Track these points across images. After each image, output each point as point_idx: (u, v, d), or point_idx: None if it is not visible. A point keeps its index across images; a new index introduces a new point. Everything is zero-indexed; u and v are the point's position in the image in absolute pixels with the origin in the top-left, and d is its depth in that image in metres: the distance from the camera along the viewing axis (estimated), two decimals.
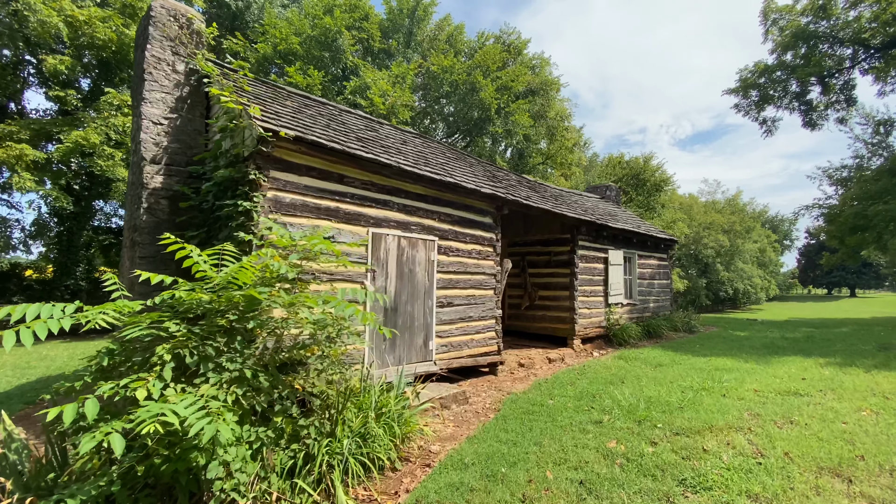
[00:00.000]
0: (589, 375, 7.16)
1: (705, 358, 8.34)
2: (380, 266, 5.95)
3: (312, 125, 5.82)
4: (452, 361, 6.83)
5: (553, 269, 10.24)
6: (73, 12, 13.29)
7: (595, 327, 10.30)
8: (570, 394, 6.02)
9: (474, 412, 5.64)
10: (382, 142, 7.10)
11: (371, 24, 20.61)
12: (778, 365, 7.57)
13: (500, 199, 7.65)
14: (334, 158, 5.46)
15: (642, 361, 8.22)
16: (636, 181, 39.69)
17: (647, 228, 12.86)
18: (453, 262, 7.02)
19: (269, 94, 6.50)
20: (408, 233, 6.34)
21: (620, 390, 6.07)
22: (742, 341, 10.52)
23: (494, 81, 21.92)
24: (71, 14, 13.33)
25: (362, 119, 8.22)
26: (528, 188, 10.17)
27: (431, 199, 6.76)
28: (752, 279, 53.70)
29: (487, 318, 7.55)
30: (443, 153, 8.93)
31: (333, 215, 5.51)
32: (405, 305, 6.27)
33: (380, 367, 5.88)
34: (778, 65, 20.38)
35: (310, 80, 17.18)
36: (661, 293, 13.14)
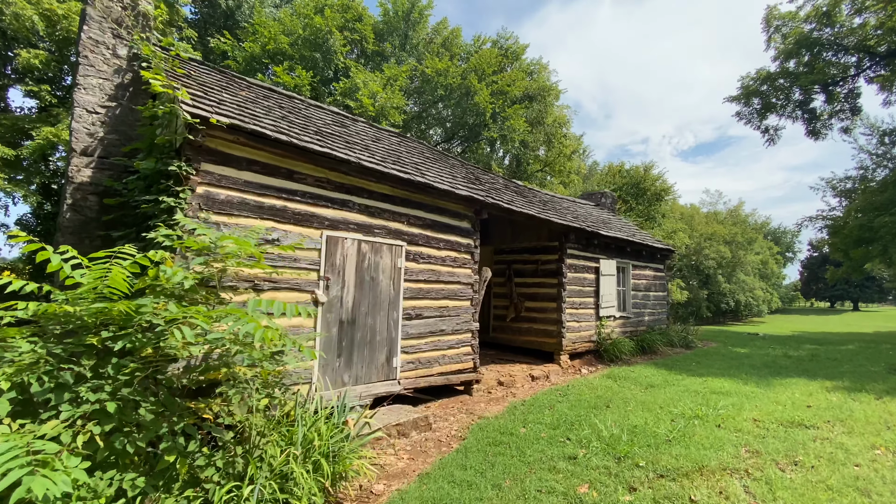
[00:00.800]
0: (572, 397, 6.49)
1: (701, 378, 7.66)
2: (335, 273, 5.33)
3: (261, 116, 5.24)
4: (420, 380, 6.17)
5: (540, 278, 9.60)
6: (50, 5, 12.85)
7: (585, 342, 9.63)
8: (547, 420, 5.35)
9: (436, 441, 4.97)
10: (350, 138, 6.52)
11: (364, 26, 20.18)
12: (780, 388, 6.89)
13: (479, 202, 7.04)
14: (282, 152, 4.86)
15: (633, 381, 7.54)
16: (636, 190, 39.16)
17: (643, 237, 12.23)
18: (424, 270, 6.40)
19: (220, 83, 5.93)
20: (370, 237, 5.73)
21: (603, 417, 5.40)
22: (742, 359, 9.83)
23: (490, 86, 21.45)
24: (49, 7, 12.90)
25: (332, 114, 7.65)
26: (514, 192, 9.57)
27: (400, 200, 6.15)
28: (753, 291, 52.92)
29: (462, 331, 6.90)
30: (421, 153, 8.34)
31: (280, 215, 4.90)
32: (365, 317, 5.63)
33: (331, 387, 5.23)
34: (780, 72, 19.86)
35: (298, 80, 16.71)
36: (657, 306, 12.46)
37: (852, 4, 18.36)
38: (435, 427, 5.39)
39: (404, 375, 6.02)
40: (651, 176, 37.53)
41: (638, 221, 37.23)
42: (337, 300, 5.34)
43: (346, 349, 5.40)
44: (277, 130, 4.89)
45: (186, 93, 4.40)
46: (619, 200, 37.95)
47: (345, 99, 17.01)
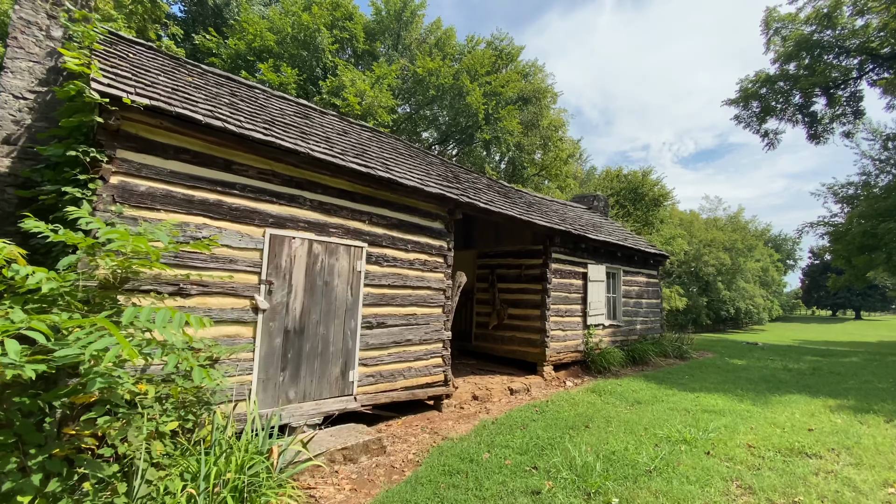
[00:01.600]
0: (549, 415, 5.91)
1: (693, 394, 7.07)
2: (280, 276, 4.77)
3: (200, 101, 4.71)
4: (380, 396, 5.59)
5: (524, 284, 9.04)
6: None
7: (571, 352, 9.04)
8: (516, 443, 4.76)
9: (388, 467, 4.39)
10: (309, 129, 5.99)
11: (355, 25, 19.76)
12: (779, 407, 6.30)
13: (452, 200, 6.49)
14: (217, 139, 4.32)
15: (618, 396, 6.95)
16: (635, 195, 38.67)
17: (635, 242, 11.67)
18: (389, 274, 5.84)
19: (163, 67, 5.41)
20: (324, 236, 5.17)
21: (580, 440, 4.82)
22: (738, 372, 9.23)
23: (483, 87, 20.99)
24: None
25: (297, 106, 7.13)
26: (496, 192, 9.02)
27: (361, 197, 5.61)
28: (754, 299, 52.28)
29: (432, 341, 6.33)
30: (394, 149, 7.81)
31: (213, 210, 4.35)
32: (316, 326, 5.06)
33: (273, 404, 4.65)
34: (780, 75, 19.39)
35: (284, 78, 16.26)
36: (650, 313, 11.88)
37: (854, 6, 17.91)
38: (390, 450, 4.80)
39: (362, 390, 5.44)
40: (649, 181, 37.07)
41: (636, 227, 36.77)
42: (282, 307, 4.77)
43: (292, 362, 4.83)
44: (213, 116, 4.35)
45: (100, 71, 3.88)
46: (617, 205, 37.46)
47: (332, 97, 16.55)
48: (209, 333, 4.28)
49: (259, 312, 4.60)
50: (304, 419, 4.84)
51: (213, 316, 4.29)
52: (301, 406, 4.86)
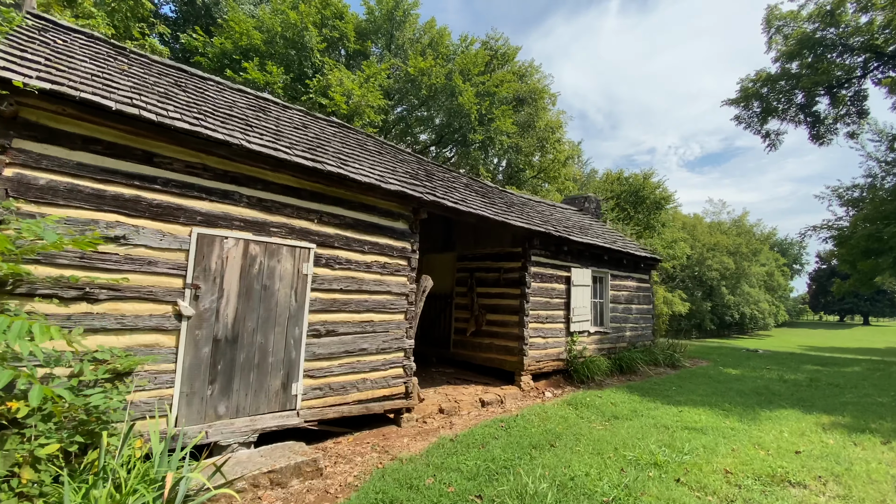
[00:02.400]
0: (515, 431, 5.44)
1: (677, 408, 6.57)
2: (209, 280, 4.35)
3: (124, 88, 4.32)
4: (329, 410, 5.15)
5: (503, 288, 8.58)
6: None
7: (552, 360, 8.56)
8: (469, 465, 4.30)
9: (321, 493, 3.95)
10: (259, 122, 5.59)
11: (346, 24, 19.46)
12: (767, 423, 5.79)
13: (415, 199, 6.06)
14: (135, 129, 3.92)
15: (596, 410, 6.47)
16: (636, 198, 38.10)
17: (624, 244, 11.18)
18: (341, 278, 5.41)
19: (97, 54, 5.04)
20: (264, 236, 4.76)
21: (539, 462, 4.36)
22: (731, 383, 8.70)
23: (476, 87, 20.61)
24: None
25: (254, 99, 6.75)
26: (475, 192, 8.59)
27: (309, 194, 5.19)
28: (759, 304, 51.41)
29: (391, 350, 5.89)
30: (361, 145, 7.40)
31: (129, 207, 3.94)
32: (252, 335, 4.64)
33: (199, 421, 4.23)
34: (781, 74, 18.84)
35: (269, 77, 15.96)
36: (641, 320, 11.36)
37: (857, 2, 17.36)
38: (329, 473, 4.36)
39: (308, 405, 5.00)
40: (651, 184, 36.52)
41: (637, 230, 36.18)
42: (211, 313, 4.35)
43: (222, 374, 4.40)
44: (130, 103, 3.96)
45: None
46: (618, 209, 36.90)
47: (319, 97, 16.21)
48: (124, 342, 3.87)
49: (183, 319, 4.18)
50: (236, 437, 4.41)
51: (127, 324, 3.88)
52: (233, 422, 4.43)
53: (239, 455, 4.23)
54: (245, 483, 3.79)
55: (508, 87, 21.85)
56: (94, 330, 3.73)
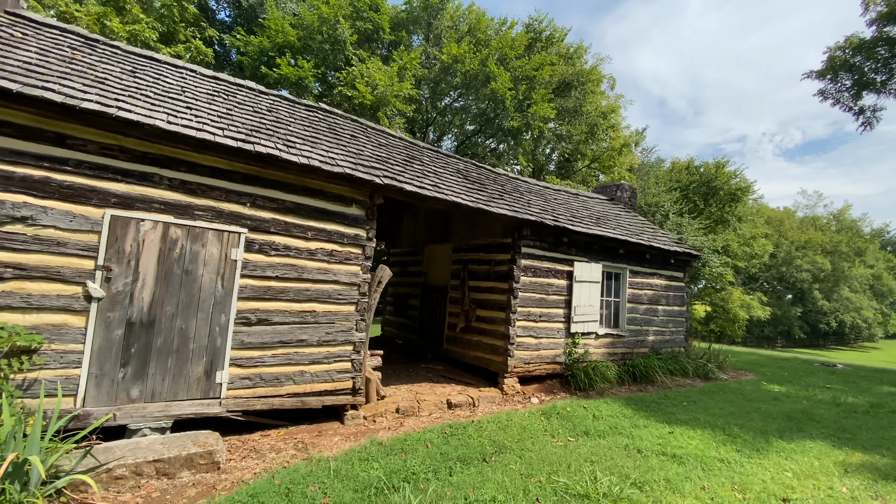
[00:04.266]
0: (455, 440, 4.88)
1: (670, 428, 5.56)
2: (122, 262, 4.31)
3: (51, 74, 4.39)
4: (257, 402, 4.96)
5: (493, 282, 7.92)
6: None
7: (547, 363, 7.76)
8: (369, 476, 3.85)
9: (208, 488, 3.74)
10: (206, 105, 5.52)
11: (381, 16, 19.44)
12: (774, 457, 4.65)
13: (366, 182, 5.67)
14: (46, 112, 3.95)
15: (570, 423, 5.67)
16: (707, 190, 34.60)
17: (651, 237, 9.87)
18: (278, 264, 5.18)
19: (56, 46, 5.22)
20: (186, 219, 4.65)
21: (451, 480, 3.81)
22: (762, 403, 7.28)
23: (513, 71, 19.62)
24: None
25: (216, 82, 6.73)
26: (464, 178, 7.99)
27: (242, 176, 5.01)
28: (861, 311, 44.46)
29: (337, 343, 5.57)
30: (332, 128, 7.14)
31: (38, 189, 3.98)
32: (172, 319, 4.56)
33: (109, 403, 4.22)
34: (877, 38, 15.65)
35: (301, 71, 16.37)
36: (670, 323, 10.01)
37: None
38: (230, 467, 4.15)
39: (235, 394, 4.85)
40: (725, 173, 32.93)
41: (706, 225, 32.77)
42: (124, 296, 4.32)
43: (137, 357, 4.36)
44: (39, 87, 3.97)
45: None
46: (684, 201, 33.61)
47: (346, 89, 16.34)
48: (29, 321, 3.94)
49: (93, 301, 4.18)
50: (147, 422, 4.36)
51: (33, 303, 3.94)
52: (145, 407, 4.38)
53: (141, 441, 4.16)
54: (126, 470, 3.68)
55: (549, 71, 20.56)
56: (1, 308, 3.82)
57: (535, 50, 22.70)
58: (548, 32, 23.16)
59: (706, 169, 34.79)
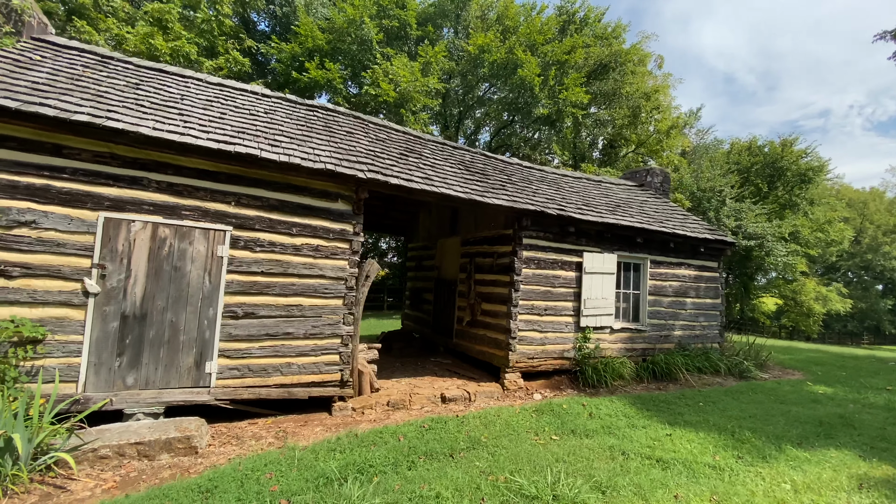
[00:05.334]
0: (431, 434, 4.83)
1: (670, 429, 5.13)
2: (116, 260, 4.68)
3: (53, 91, 4.83)
4: (245, 391, 5.20)
5: (496, 274, 7.73)
6: None
7: (553, 358, 7.47)
8: (327, 467, 3.90)
9: (183, 470, 3.99)
10: (197, 111, 5.84)
11: (407, 13, 19.54)
12: (780, 467, 4.14)
13: (349, 177, 5.73)
14: (43, 125, 4.36)
15: (560, 420, 5.42)
16: (772, 171, 31.67)
17: (675, 225, 9.14)
18: (263, 260, 5.39)
19: (70, 65, 5.75)
20: (175, 219, 4.95)
21: (408, 475, 3.78)
22: (795, 406, 6.50)
23: (542, 57, 18.95)
24: None
25: (230, 91, 7.08)
26: (466, 170, 7.85)
27: (226, 176, 5.25)
28: None
29: (324, 336, 5.70)
30: (328, 126, 7.27)
31: (40, 195, 4.42)
32: (163, 313, 4.89)
33: (107, 389, 4.61)
34: None
35: (328, 74, 16.87)
36: (701, 316, 9.24)
37: None
38: (208, 452, 4.39)
39: (224, 384, 5.12)
40: (793, 152, 29.98)
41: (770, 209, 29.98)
42: (118, 291, 4.69)
43: (131, 347, 4.73)
44: (37, 103, 4.39)
45: None
46: (745, 184, 30.88)
47: (370, 88, 16.62)
48: (35, 314, 4.39)
49: (90, 296, 4.58)
50: (141, 407, 4.72)
51: (38, 298, 4.39)
52: (139, 393, 4.74)
53: (131, 424, 4.50)
54: (109, 451, 4.01)
55: (583, 54, 19.63)
56: (10, 302, 4.29)
57: (568, 33, 21.77)
58: (582, 13, 22.10)
59: (771, 149, 31.63)
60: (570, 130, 26.30)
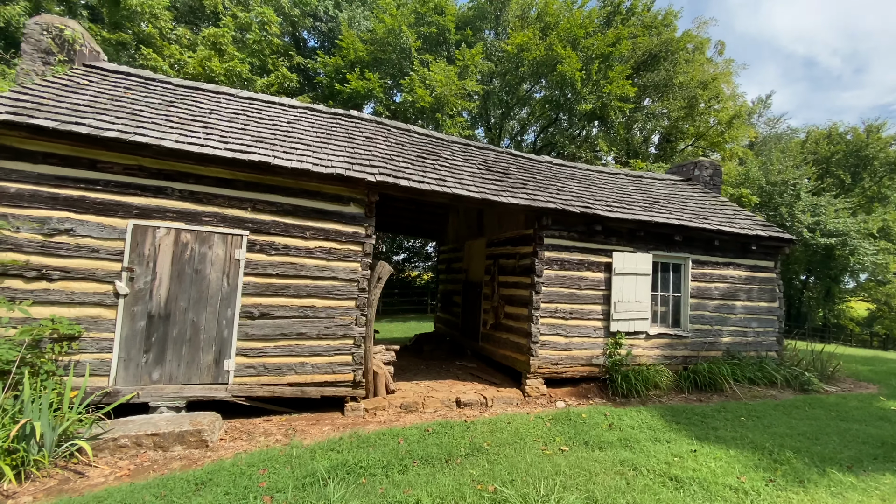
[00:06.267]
0: (433, 438, 4.73)
1: (696, 445, 4.64)
2: (143, 263, 5.07)
3: (92, 111, 5.34)
4: (260, 388, 5.41)
5: (518, 276, 7.48)
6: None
7: (580, 364, 7.07)
8: (320, 466, 3.95)
9: (189, 462, 4.22)
10: (225, 123, 6.20)
11: (446, 18, 19.67)
12: (818, 493, 3.58)
13: (361, 181, 5.81)
14: (80, 142, 4.83)
15: (575, 431, 5.09)
16: (856, 161, 28.37)
17: (721, 221, 8.33)
18: (278, 263, 5.60)
19: (113, 87, 6.34)
20: (195, 225, 5.28)
21: (399, 479, 3.72)
22: (858, 424, 5.61)
23: (585, 51, 18.24)
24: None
25: (260, 103, 7.46)
26: (486, 170, 7.69)
27: (243, 184, 5.53)
28: None
29: (336, 337, 5.80)
30: (346, 133, 7.43)
31: (77, 205, 4.90)
32: (185, 313, 5.22)
33: (134, 383, 4.99)
34: None
35: (368, 84, 17.37)
36: (754, 321, 8.33)
37: None
38: (218, 446, 4.60)
39: (241, 381, 5.37)
40: (880, 139, 26.66)
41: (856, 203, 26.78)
42: (145, 293, 5.07)
43: (156, 344, 5.09)
44: (73, 122, 4.87)
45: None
46: (824, 177, 27.74)
47: (407, 95, 16.88)
48: (72, 313, 4.86)
49: (120, 297, 4.99)
50: (164, 401, 5.06)
51: (75, 299, 4.85)
52: (163, 388, 5.08)
53: (153, 417, 4.84)
54: (128, 441, 4.32)
55: (629, 45, 18.65)
56: (51, 302, 4.78)
57: (613, 24, 20.82)
58: (628, 3, 21.04)
59: (854, 136, 28.21)
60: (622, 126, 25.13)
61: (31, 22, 6.42)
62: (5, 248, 4.62)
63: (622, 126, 24.89)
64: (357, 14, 21.23)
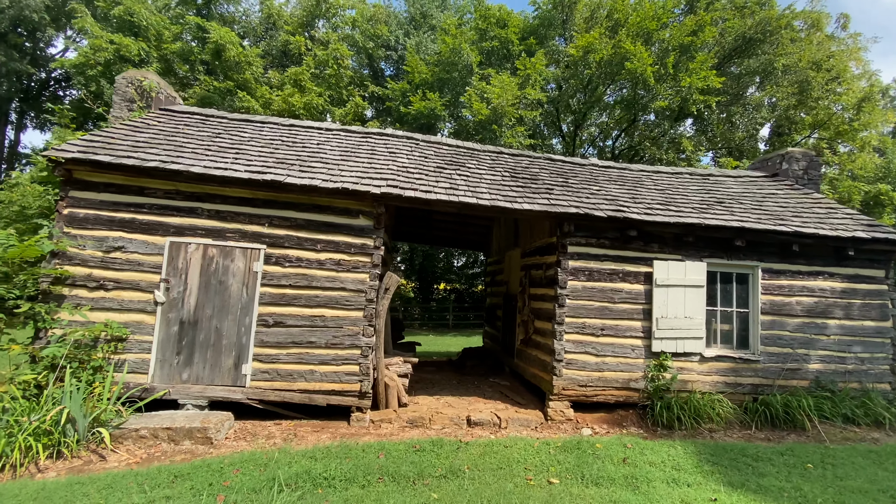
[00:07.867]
0: (416, 456, 4.54)
1: (721, 493, 3.77)
2: (177, 275, 5.76)
3: (146, 147, 6.26)
4: (271, 393, 5.73)
5: (545, 288, 6.97)
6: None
7: (615, 388, 6.29)
8: (273, 474, 4.03)
9: (190, 455, 4.61)
10: (258, 148, 6.83)
11: (508, 31, 19.60)
12: None
13: (366, 194, 5.95)
14: (128, 173, 5.72)
15: (579, 462, 4.51)
16: None
17: (804, 222, 6.83)
18: (291, 274, 5.95)
19: (177, 126, 7.38)
20: (220, 240, 5.86)
21: (355, 494, 3.64)
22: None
23: (659, 44, 16.72)
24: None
25: (286, 128, 8.10)
26: (512, 176, 7.37)
27: (262, 202, 6.01)
28: None
29: (344, 346, 5.93)
30: (370, 150, 7.67)
31: (128, 226, 5.75)
32: (210, 320, 5.78)
33: (168, 382, 5.62)
34: None
35: (430, 103, 17.92)
36: (856, 346, 6.61)
37: None
38: (220, 443, 4.95)
39: (255, 384, 5.75)
40: None
41: None
42: (178, 301, 5.73)
43: (186, 348, 5.70)
44: (126, 156, 5.76)
45: (66, 141, 5.90)
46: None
47: (468, 110, 17.02)
48: (122, 318, 5.67)
49: (158, 305, 5.71)
50: (190, 399, 5.61)
51: (125, 306, 5.66)
52: (190, 387, 5.65)
53: (175, 413, 5.38)
54: (147, 432, 4.86)
55: (713, 31, 16.66)
56: (106, 309, 5.64)
57: (696, 9, 18.83)
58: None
59: None
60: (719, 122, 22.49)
61: (119, 77, 7.79)
62: (75, 263, 5.59)
63: (719, 122, 22.21)
64: (424, 38, 22.17)
